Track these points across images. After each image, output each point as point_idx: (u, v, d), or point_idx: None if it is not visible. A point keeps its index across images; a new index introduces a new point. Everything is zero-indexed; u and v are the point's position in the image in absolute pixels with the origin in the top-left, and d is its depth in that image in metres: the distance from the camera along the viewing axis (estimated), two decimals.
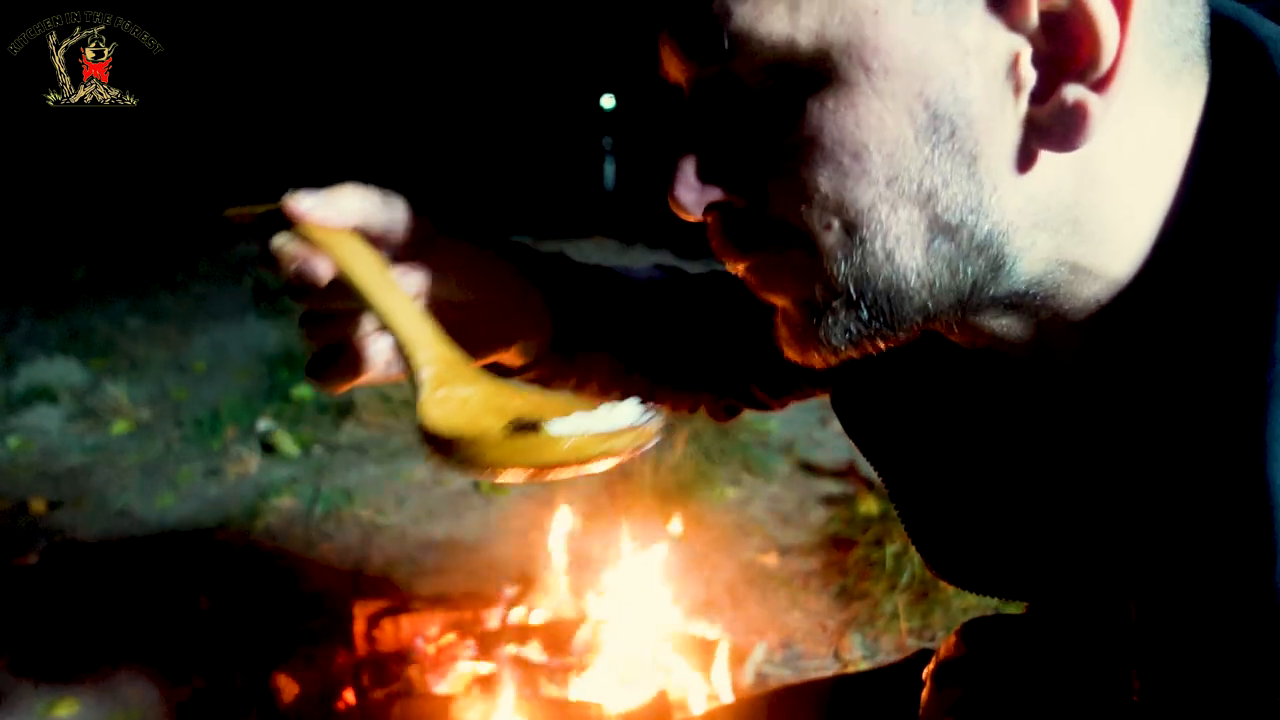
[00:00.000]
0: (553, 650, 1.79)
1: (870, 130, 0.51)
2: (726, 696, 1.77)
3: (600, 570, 2.00)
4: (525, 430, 0.59)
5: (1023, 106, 0.52)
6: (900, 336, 0.58)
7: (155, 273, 4.90)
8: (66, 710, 1.97)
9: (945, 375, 0.70)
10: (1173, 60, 0.54)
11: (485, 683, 1.74)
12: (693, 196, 0.58)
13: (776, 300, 0.60)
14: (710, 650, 1.84)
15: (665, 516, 2.56)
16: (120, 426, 3.29)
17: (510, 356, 0.76)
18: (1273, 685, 0.48)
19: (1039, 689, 0.76)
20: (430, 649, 1.83)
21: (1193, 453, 0.52)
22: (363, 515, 2.72)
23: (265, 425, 3.23)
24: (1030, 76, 0.51)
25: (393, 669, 1.80)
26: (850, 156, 0.52)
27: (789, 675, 2.07)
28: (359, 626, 1.90)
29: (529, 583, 2.02)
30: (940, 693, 0.83)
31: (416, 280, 0.67)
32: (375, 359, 0.68)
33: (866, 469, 0.73)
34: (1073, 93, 0.51)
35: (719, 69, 0.55)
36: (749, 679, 1.99)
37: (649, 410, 0.62)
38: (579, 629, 1.82)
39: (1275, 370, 0.49)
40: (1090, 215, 0.54)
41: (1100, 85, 0.50)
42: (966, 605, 2.20)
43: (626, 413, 0.61)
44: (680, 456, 2.82)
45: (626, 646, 1.81)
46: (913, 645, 2.14)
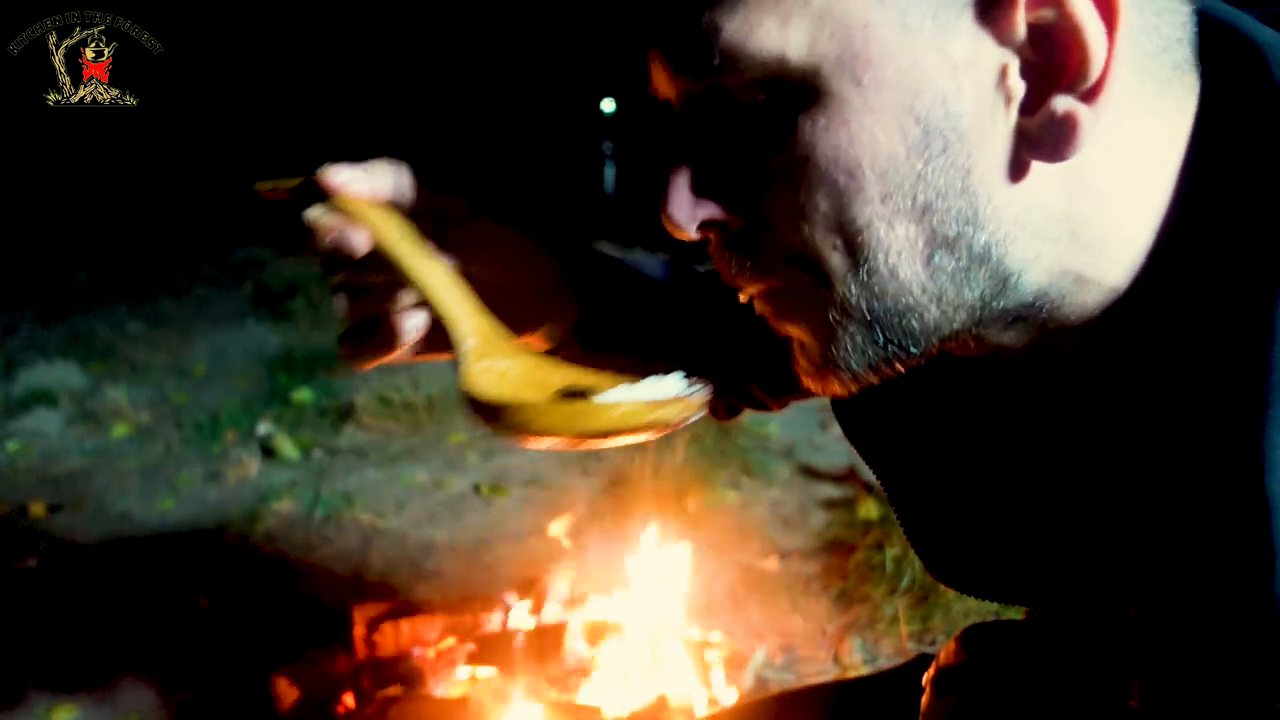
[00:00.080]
0: (553, 654, 1.79)
1: (863, 146, 0.51)
2: (726, 700, 1.77)
3: (600, 573, 2.00)
4: (574, 398, 0.58)
5: (1013, 118, 0.52)
6: (917, 357, 0.57)
7: (155, 276, 4.89)
8: (66, 714, 1.97)
9: (943, 380, 0.70)
10: (1162, 69, 0.54)
11: (485, 686, 1.74)
12: (686, 213, 0.57)
13: (793, 331, 0.60)
14: (710, 654, 1.84)
15: (665, 520, 2.56)
16: (120, 430, 3.29)
17: (535, 339, 0.76)
18: (1272, 695, 0.48)
19: (1038, 696, 0.76)
20: (430, 653, 1.83)
21: (1191, 461, 0.52)
22: (363, 519, 2.72)
23: (265, 429, 3.23)
24: (1019, 88, 0.52)
25: (393, 673, 1.80)
26: (845, 174, 0.52)
27: (789, 679, 2.07)
28: (359, 630, 1.90)
29: (529, 586, 2.02)
30: (940, 699, 0.83)
31: (449, 256, 0.67)
32: (410, 333, 0.68)
33: (867, 473, 0.73)
34: (1062, 104, 0.51)
35: (709, 85, 0.55)
36: (749, 683, 1.99)
37: (695, 382, 0.62)
38: (579, 633, 1.82)
39: (1273, 378, 0.49)
40: (1086, 224, 0.54)
41: (1089, 96, 0.51)
42: (967, 609, 2.20)
43: (672, 384, 0.61)
44: (680, 460, 2.82)
45: (626, 650, 1.80)
46: (913, 649, 2.14)
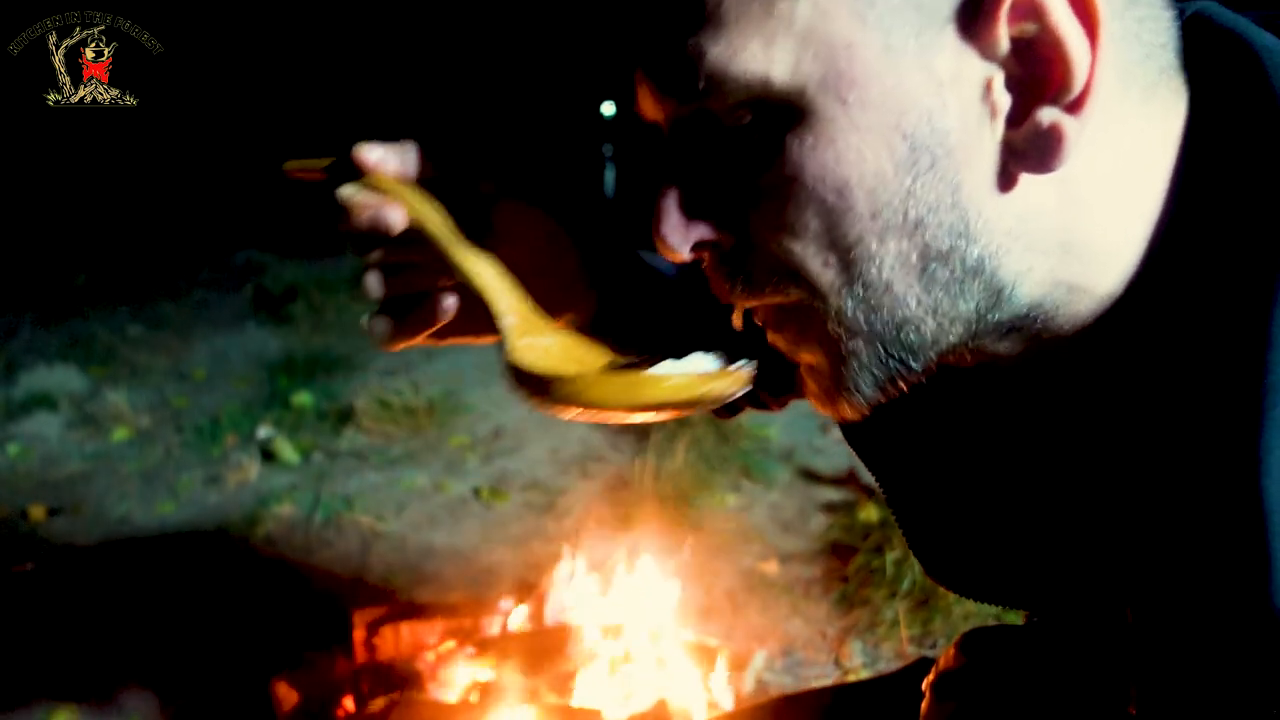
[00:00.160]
0: (552, 658, 1.79)
1: (850, 165, 0.52)
2: (727, 704, 1.77)
3: (600, 577, 2.00)
4: (627, 369, 0.58)
5: (999, 131, 0.52)
6: (918, 374, 0.58)
7: (155, 280, 4.90)
8: (65, 718, 1.97)
9: (941, 385, 0.70)
10: (1146, 76, 0.54)
11: (485, 690, 1.73)
12: (679, 236, 0.58)
13: (804, 357, 0.60)
14: (710, 658, 1.83)
15: (665, 524, 2.56)
16: (120, 434, 3.29)
17: (560, 324, 0.77)
18: (1269, 698, 0.48)
19: (1037, 701, 0.76)
20: (430, 656, 1.82)
21: (1188, 466, 0.52)
22: (362, 523, 2.72)
23: (265, 432, 3.23)
24: (1004, 102, 0.52)
25: (392, 676, 1.80)
26: (833, 193, 0.52)
27: (789, 683, 2.07)
28: (359, 634, 1.90)
29: (529, 590, 2.02)
30: (939, 704, 0.83)
31: (480, 236, 0.68)
32: (446, 312, 0.69)
33: (867, 476, 0.73)
34: (1047, 115, 0.51)
35: (695, 108, 0.55)
36: (749, 686, 1.99)
37: (741, 359, 0.61)
38: (579, 636, 1.82)
39: (1269, 382, 0.48)
40: (1078, 234, 0.54)
41: (1074, 107, 0.51)
42: (967, 612, 2.19)
43: (715, 360, 0.60)
44: (680, 464, 2.82)
45: (626, 654, 1.80)
46: (913, 653, 2.14)
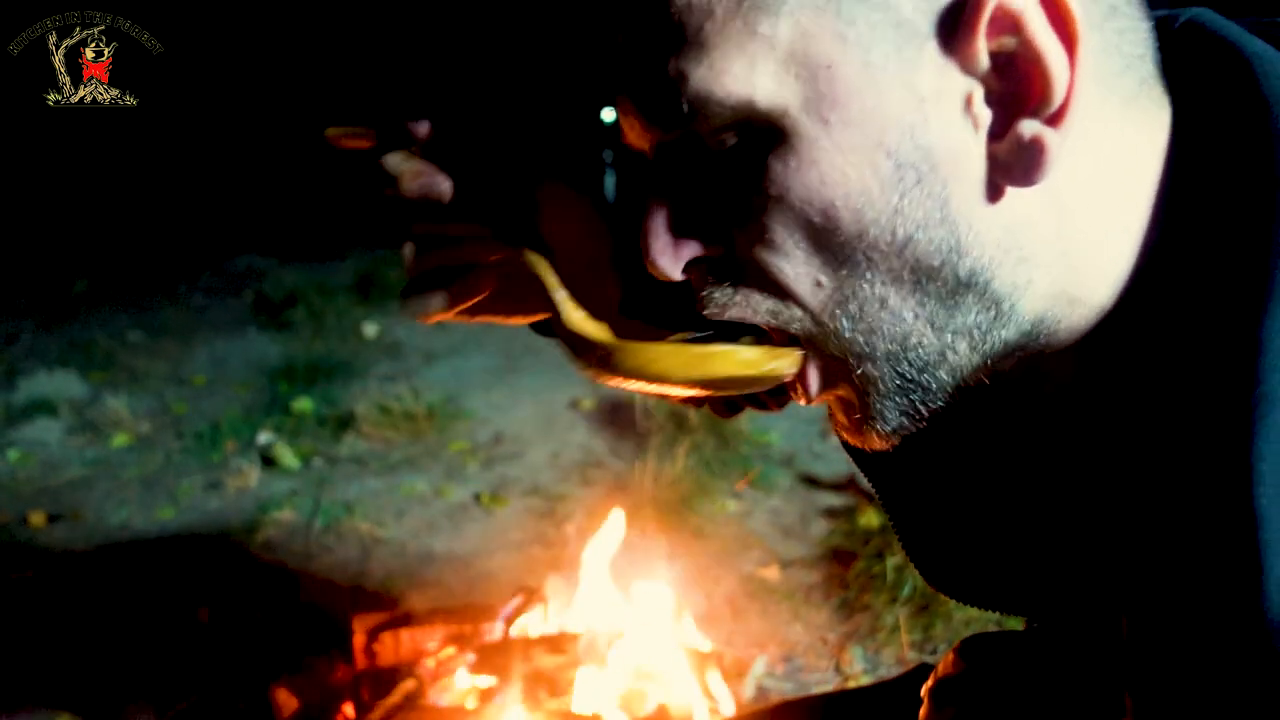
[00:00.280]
0: (553, 664, 1.79)
1: (835, 185, 0.52)
2: (727, 710, 1.77)
3: (600, 582, 2.00)
4: (696, 342, 0.58)
5: (982, 145, 0.52)
6: (939, 396, 0.58)
7: (156, 285, 4.90)
8: None
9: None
10: (1127, 86, 0.54)
11: (485, 696, 1.73)
12: (669, 257, 0.58)
13: (832, 393, 0.61)
14: (711, 664, 1.83)
15: (666, 529, 2.56)
16: (120, 439, 3.29)
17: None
18: (1262, 708, 0.48)
19: (1035, 708, 0.76)
20: (430, 662, 1.82)
21: (1180, 474, 0.52)
22: (363, 528, 2.72)
23: (265, 438, 3.23)
24: (986, 116, 0.52)
25: (392, 682, 1.80)
26: (819, 215, 0.52)
27: (790, 688, 2.07)
28: (358, 640, 1.90)
29: (529, 595, 2.02)
30: (938, 710, 0.83)
31: (524, 214, 0.69)
32: (486, 287, 0.70)
33: (867, 482, 0.74)
34: (1029, 128, 0.51)
35: (680, 134, 0.55)
36: (750, 692, 1.99)
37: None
38: (579, 642, 1.82)
39: (1260, 390, 0.49)
40: (1071, 245, 0.54)
41: (1055, 120, 0.51)
42: (968, 618, 2.19)
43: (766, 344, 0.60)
44: (681, 469, 2.82)
45: (627, 660, 1.80)
46: (914, 658, 2.13)
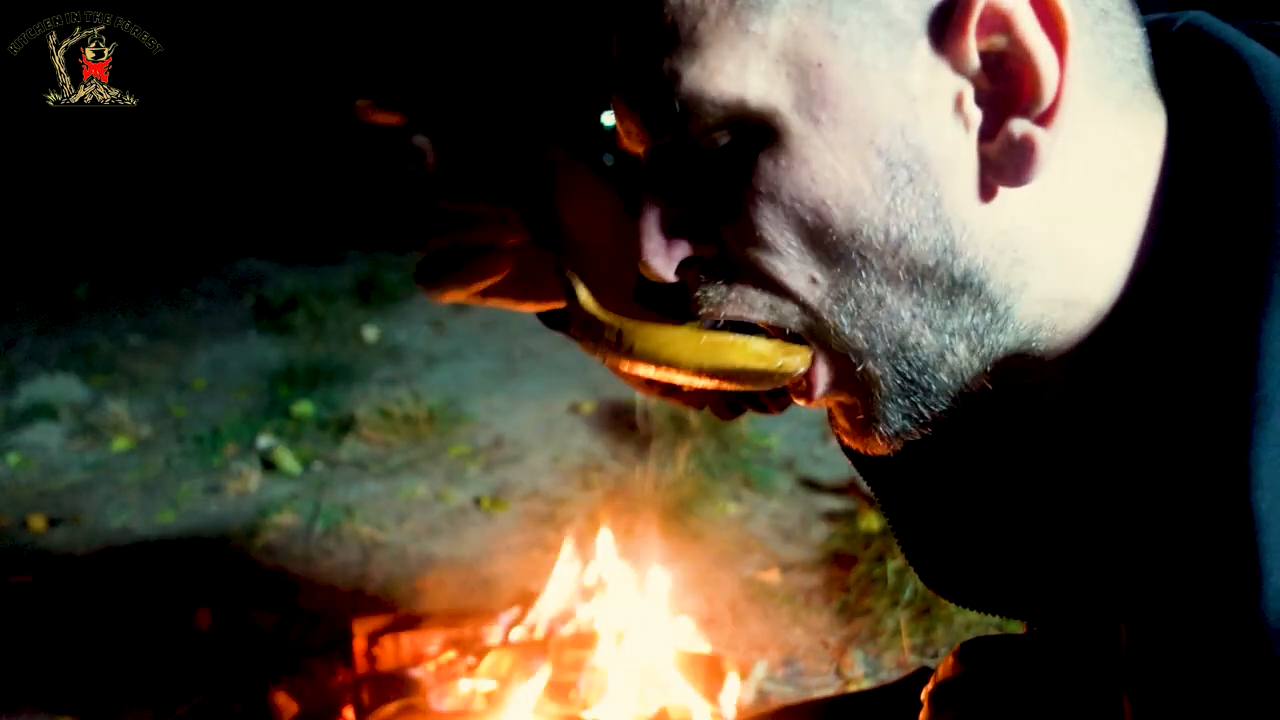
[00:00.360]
0: (553, 668, 1.79)
1: (826, 184, 0.52)
2: (728, 714, 1.77)
3: (601, 587, 2.00)
4: (715, 330, 0.58)
5: (973, 144, 0.53)
6: (940, 398, 0.58)
7: (156, 289, 4.90)
8: None
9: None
10: (1120, 90, 0.55)
11: (486, 700, 1.73)
12: (662, 258, 0.58)
13: (835, 397, 0.61)
14: (712, 667, 1.83)
15: (666, 533, 2.55)
16: (120, 444, 3.29)
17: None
18: (1261, 711, 0.48)
19: (1035, 711, 0.76)
20: (430, 666, 1.82)
21: (1179, 477, 0.52)
22: (363, 532, 2.72)
23: (266, 442, 3.23)
24: (976, 115, 0.53)
25: (393, 686, 1.79)
26: (810, 213, 0.53)
27: (791, 692, 2.07)
28: (359, 644, 1.90)
29: (529, 600, 2.02)
30: (938, 714, 0.82)
31: (545, 198, 0.70)
32: (503, 269, 0.71)
33: (867, 486, 0.74)
34: (1019, 127, 0.52)
35: (674, 138, 0.56)
36: (750, 696, 1.98)
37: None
38: (580, 646, 1.81)
39: (1258, 395, 0.49)
40: (1067, 246, 0.55)
41: (1044, 119, 0.52)
42: (969, 621, 2.19)
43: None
44: (681, 473, 2.82)
45: (627, 663, 1.80)
46: (915, 662, 2.13)
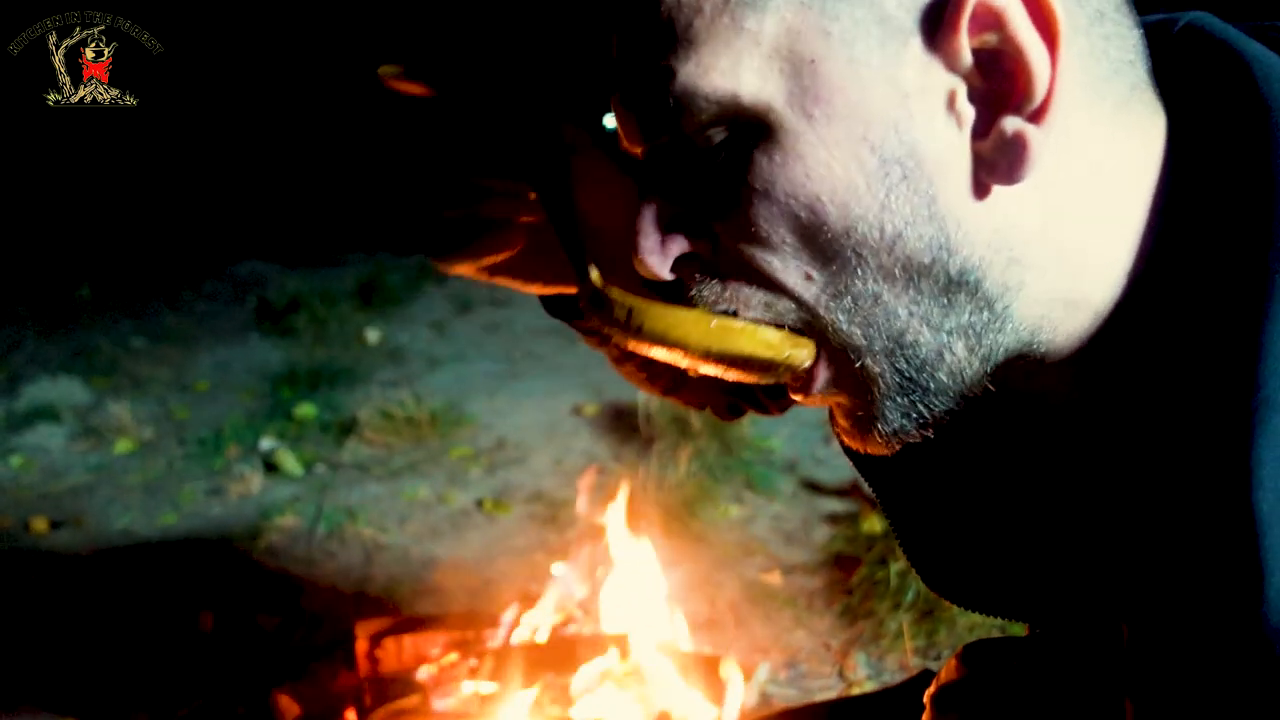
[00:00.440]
0: (555, 670, 1.79)
1: (820, 180, 0.52)
2: (731, 717, 1.76)
3: (603, 589, 2.00)
4: (724, 316, 0.58)
5: (967, 142, 0.53)
6: (938, 400, 0.58)
7: (158, 291, 4.90)
8: None
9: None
10: (1117, 90, 0.55)
11: (488, 702, 1.73)
12: (658, 255, 0.59)
13: (832, 396, 0.61)
14: (714, 670, 1.83)
15: (669, 535, 2.55)
16: (123, 446, 3.29)
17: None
18: (1263, 714, 0.48)
19: (1037, 714, 0.76)
20: (433, 669, 1.82)
21: (1181, 479, 0.52)
22: (365, 534, 2.72)
23: (268, 444, 3.23)
24: (969, 113, 0.53)
25: (395, 689, 1.79)
26: (805, 209, 0.53)
27: (793, 695, 2.06)
28: (361, 646, 1.90)
29: (531, 602, 2.02)
30: (940, 717, 0.82)
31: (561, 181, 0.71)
32: (514, 245, 0.72)
33: (869, 487, 0.74)
34: (1011, 124, 0.52)
35: (671, 137, 0.56)
36: (753, 698, 1.98)
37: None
38: (582, 649, 1.81)
39: (1259, 396, 0.49)
40: (1065, 246, 0.55)
41: (1036, 116, 0.52)
42: (972, 623, 2.19)
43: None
44: (683, 475, 2.82)
45: (630, 666, 1.80)
46: (917, 664, 2.13)
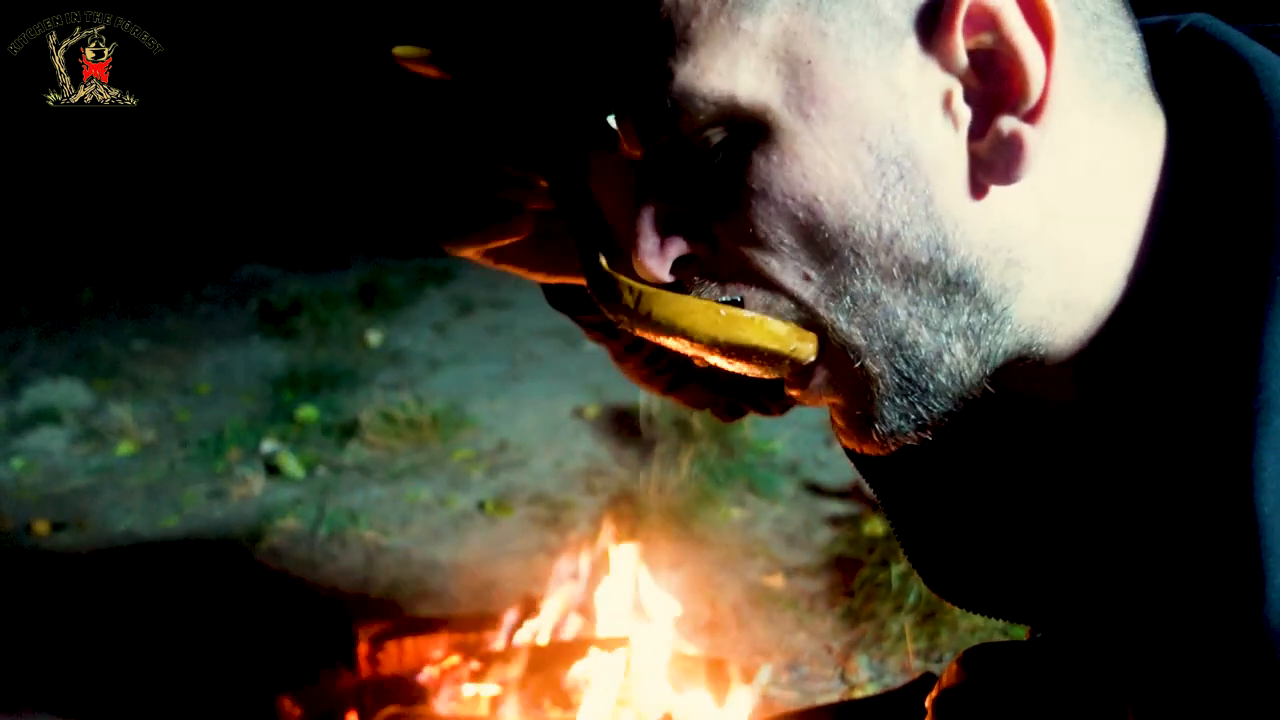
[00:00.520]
0: (557, 672, 1.78)
1: (818, 180, 0.52)
2: (732, 719, 1.76)
3: (604, 592, 2.00)
4: (730, 304, 0.58)
5: (963, 142, 0.53)
6: (936, 401, 0.58)
7: (160, 294, 4.91)
8: None
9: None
10: (1115, 92, 0.55)
11: (489, 705, 1.73)
12: (656, 258, 0.59)
13: (829, 395, 0.61)
14: (716, 672, 1.83)
15: (670, 538, 2.55)
16: (124, 448, 3.30)
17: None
18: (1263, 715, 0.48)
19: (1037, 718, 0.76)
20: (434, 671, 1.82)
21: (1183, 481, 0.52)
22: (367, 537, 2.72)
23: (269, 447, 3.24)
24: (965, 113, 0.53)
25: (397, 691, 1.79)
26: (803, 209, 0.53)
27: (795, 697, 2.06)
28: (363, 648, 1.90)
29: (533, 604, 2.02)
30: None
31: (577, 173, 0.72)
32: (524, 230, 0.73)
33: (871, 489, 0.74)
34: (1007, 124, 0.52)
35: (670, 139, 0.56)
36: (755, 701, 1.98)
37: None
38: (583, 651, 1.81)
39: (1261, 397, 0.49)
40: (1064, 247, 0.55)
41: (1032, 116, 0.52)
42: (974, 626, 2.19)
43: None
44: (684, 477, 2.82)
45: (631, 668, 1.80)
46: (919, 667, 2.13)
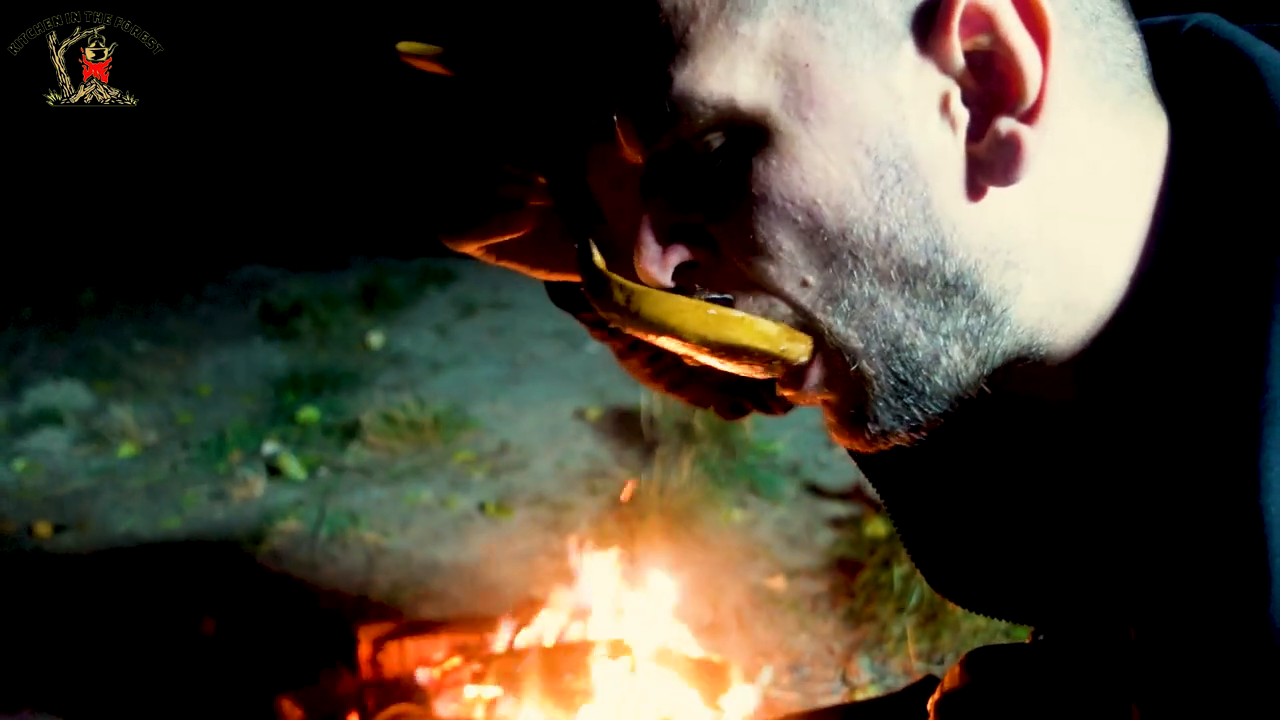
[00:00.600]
0: (558, 674, 1.78)
1: (816, 184, 0.52)
2: None
3: (605, 593, 1.99)
4: (720, 304, 0.58)
5: (961, 144, 0.53)
6: (933, 402, 0.58)
7: (161, 295, 4.91)
8: None
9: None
10: (1115, 92, 0.55)
11: (490, 707, 1.73)
12: (658, 263, 0.59)
13: (822, 395, 0.60)
14: (717, 674, 1.83)
15: (671, 539, 2.55)
16: (126, 449, 3.30)
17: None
18: (1268, 717, 0.48)
19: None
20: (435, 673, 1.82)
21: (1188, 482, 0.52)
22: (368, 538, 2.72)
23: (271, 448, 3.24)
24: (963, 115, 0.53)
25: (398, 693, 1.79)
26: (802, 213, 0.53)
27: (796, 699, 2.06)
28: (364, 650, 1.90)
29: (534, 606, 2.02)
30: None
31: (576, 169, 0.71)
32: (524, 225, 0.73)
33: (873, 491, 0.74)
34: (1005, 126, 0.52)
35: (669, 144, 0.56)
36: (756, 703, 1.98)
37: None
38: (584, 652, 1.81)
39: (1268, 398, 0.48)
40: (1064, 248, 0.55)
41: (1029, 117, 0.52)
42: (975, 627, 2.18)
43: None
44: (686, 479, 2.82)
45: (632, 670, 1.80)
46: (921, 668, 2.13)
